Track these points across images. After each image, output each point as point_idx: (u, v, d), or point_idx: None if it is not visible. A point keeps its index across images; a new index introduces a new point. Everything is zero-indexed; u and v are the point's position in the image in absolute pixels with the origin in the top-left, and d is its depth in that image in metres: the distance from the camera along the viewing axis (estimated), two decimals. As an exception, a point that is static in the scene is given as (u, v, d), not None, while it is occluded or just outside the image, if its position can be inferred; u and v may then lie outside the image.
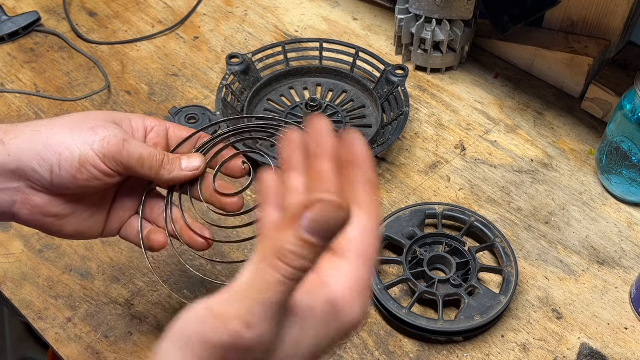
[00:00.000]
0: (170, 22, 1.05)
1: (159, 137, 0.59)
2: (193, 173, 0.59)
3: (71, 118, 0.55)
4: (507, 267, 0.74)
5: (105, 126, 0.54)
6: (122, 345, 0.70)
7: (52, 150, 0.52)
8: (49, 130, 0.53)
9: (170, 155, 0.58)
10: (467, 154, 0.90)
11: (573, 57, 0.93)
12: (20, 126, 0.53)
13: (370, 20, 1.07)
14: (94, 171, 0.54)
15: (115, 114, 0.57)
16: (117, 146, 0.54)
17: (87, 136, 0.53)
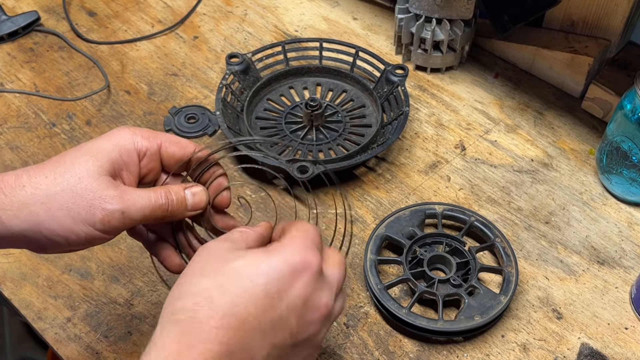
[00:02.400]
0: (170, 22, 1.05)
1: (152, 161, 0.58)
2: (199, 212, 0.59)
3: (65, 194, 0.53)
4: (508, 267, 0.74)
5: (102, 198, 0.53)
6: (122, 345, 0.70)
7: (57, 235, 0.53)
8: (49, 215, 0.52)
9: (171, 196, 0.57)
10: (467, 154, 0.89)
11: (573, 57, 0.93)
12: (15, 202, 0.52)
13: (370, 20, 1.07)
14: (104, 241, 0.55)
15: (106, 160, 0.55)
16: (119, 221, 0.54)
17: (87, 218, 0.53)
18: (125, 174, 0.56)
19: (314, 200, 0.58)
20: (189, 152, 0.59)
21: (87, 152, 0.55)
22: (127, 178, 0.56)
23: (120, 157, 0.56)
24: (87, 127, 0.90)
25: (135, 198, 0.54)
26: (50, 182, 0.53)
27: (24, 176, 0.53)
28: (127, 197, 0.54)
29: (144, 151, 0.57)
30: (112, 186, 0.54)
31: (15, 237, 0.53)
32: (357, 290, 0.75)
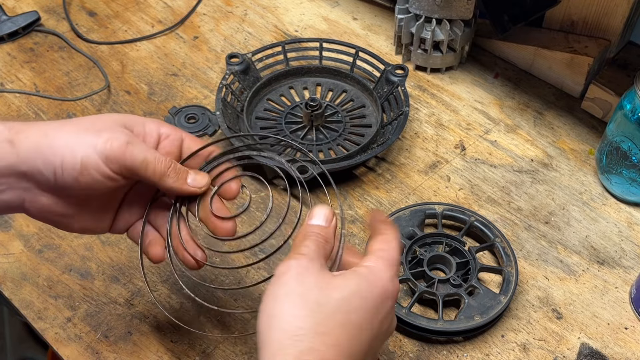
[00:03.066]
0: (170, 22, 1.05)
1: (172, 146, 0.59)
2: (195, 190, 0.59)
3: (81, 120, 0.55)
4: (507, 267, 0.74)
5: (112, 129, 0.54)
6: (122, 345, 0.70)
7: (56, 152, 0.52)
8: (56, 133, 0.53)
9: (178, 165, 0.58)
10: (467, 154, 0.89)
11: (573, 57, 0.93)
12: (33, 127, 0.54)
13: (370, 20, 1.07)
14: (96, 174, 0.53)
15: (129, 118, 0.57)
16: (120, 148, 0.53)
17: (91, 139, 0.53)
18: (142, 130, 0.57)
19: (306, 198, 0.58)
20: (207, 154, 0.61)
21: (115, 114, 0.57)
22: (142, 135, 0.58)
23: (143, 129, 0.57)
24: (87, 127, 0.90)
25: (141, 144, 0.55)
26: (69, 121, 0.55)
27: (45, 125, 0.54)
28: (135, 138, 0.55)
29: (166, 135, 0.59)
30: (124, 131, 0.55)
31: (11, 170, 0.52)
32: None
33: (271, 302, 0.49)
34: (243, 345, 0.70)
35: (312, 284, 0.50)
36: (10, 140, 0.52)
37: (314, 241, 0.53)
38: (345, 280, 0.51)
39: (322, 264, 0.52)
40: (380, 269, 0.52)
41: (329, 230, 0.54)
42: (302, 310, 0.48)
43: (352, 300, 0.50)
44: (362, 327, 0.50)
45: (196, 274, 0.63)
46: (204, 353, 0.70)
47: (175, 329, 0.71)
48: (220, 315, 0.72)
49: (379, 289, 0.51)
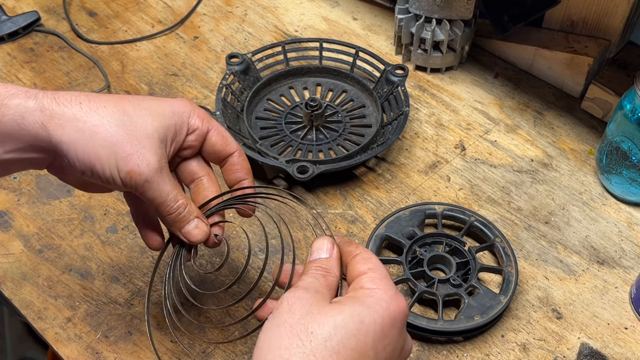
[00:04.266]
0: (170, 22, 1.05)
1: (196, 141, 0.59)
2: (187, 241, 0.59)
3: (117, 122, 0.54)
4: (507, 267, 0.74)
5: (143, 156, 0.54)
6: (122, 345, 0.70)
7: (86, 161, 0.53)
8: (91, 138, 0.53)
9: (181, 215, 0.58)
10: (467, 154, 0.90)
11: (573, 57, 0.93)
12: (67, 114, 0.53)
13: (370, 20, 1.07)
14: (116, 188, 0.56)
15: (162, 124, 0.56)
16: (137, 184, 0.54)
17: (120, 162, 0.53)
18: (171, 142, 0.57)
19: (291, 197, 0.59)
20: (230, 150, 0.61)
21: (148, 108, 0.56)
22: (172, 146, 0.58)
23: (174, 126, 0.57)
24: (87, 127, 0.90)
25: (163, 181, 0.55)
26: (107, 112, 0.54)
27: (82, 97, 0.54)
28: (159, 174, 0.55)
29: (194, 129, 0.59)
30: (157, 154, 0.55)
31: (49, 147, 0.53)
32: (357, 290, 0.75)
33: (264, 335, 0.48)
34: (243, 346, 0.70)
35: (304, 312, 0.48)
36: (43, 124, 0.52)
37: (311, 274, 0.52)
38: (340, 305, 0.48)
39: (320, 294, 0.50)
40: (379, 290, 0.49)
41: (330, 261, 0.53)
42: (291, 340, 0.46)
43: (348, 326, 0.47)
44: (364, 353, 0.47)
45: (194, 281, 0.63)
46: (204, 353, 0.70)
47: (176, 329, 0.71)
48: (220, 316, 0.72)
49: (382, 311, 0.48)
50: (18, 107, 0.52)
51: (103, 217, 0.81)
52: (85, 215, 0.81)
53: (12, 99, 0.52)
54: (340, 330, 0.46)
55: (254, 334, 0.54)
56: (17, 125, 0.52)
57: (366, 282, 0.50)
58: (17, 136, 0.53)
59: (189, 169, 0.61)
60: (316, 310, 0.48)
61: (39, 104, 0.52)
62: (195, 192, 0.61)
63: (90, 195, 0.83)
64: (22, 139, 0.53)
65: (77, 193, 0.83)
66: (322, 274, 0.52)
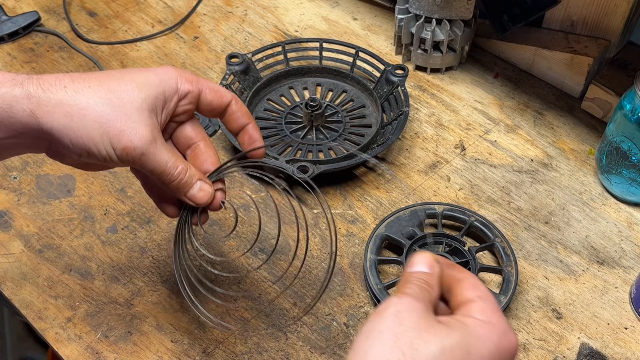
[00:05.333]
0: (170, 22, 1.05)
1: (190, 104, 0.59)
2: (193, 204, 0.60)
3: (104, 101, 0.54)
4: (507, 267, 0.74)
5: (135, 131, 0.54)
6: (122, 345, 0.70)
7: (80, 144, 0.53)
8: (81, 121, 0.53)
9: (183, 179, 0.58)
10: (467, 154, 0.90)
11: (573, 57, 0.93)
12: (54, 100, 0.53)
13: (370, 20, 1.07)
14: (114, 166, 0.56)
15: (150, 94, 0.56)
16: (134, 159, 0.55)
17: (113, 139, 0.54)
18: (162, 110, 0.57)
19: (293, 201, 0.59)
20: (226, 101, 0.61)
21: (133, 81, 0.55)
22: (162, 115, 0.57)
23: (162, 94, 0.57)
24: (88, 127, 0.90)
25: (159, 151, 0.56)
26: (93, 92, 0.54)
27: (66, 79, 0.54)
28: (154, 145, 0.55)
29: (185, 93, 0.58)
30: (148, 126, 0.55)
31: (41, 134, 0.53)
32: (357, 290, 0.75)
33: (363, 338, 0.45)
34: (243, 345, 0.70)
35: (411, 325, 0.45)
36: (32, 112, 0.52)
37: (417, 285, 0.48)
38: (449, 328, 0.45)
39: (427, 307, 0.47)
40: (491, 323, 0.46)
41: (433, 277, 0.49)
42: (394, 352, 0.43)
43: (454, 352, 0.44)
44: None
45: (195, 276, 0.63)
46: (204, 353, 0.70)
47: (176, 329, 0.71)
48: (221, 316, 0.72)
49: (492, 346, 0.45)
50: (5, 96, 0.52)
51: (103, 217, 0.81)
52: (85, 215, 0.81)
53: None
54: (446, 354, 0.44)
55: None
56: (6, 114, 0.52)
57: (476, 312, 0.47)
58: (7, 124, 0.53)
59: (185, 134, 0.61)
60: (424, 326, 0.45)
61: (25, 92, 0.52)
62: (193, 157, 0.61)
63: (90, 195, 0.83)
64: (12, 127, 0.53)
65: (77, 193, 0.83)
66: (426, 288, 0.49)
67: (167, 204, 0.62)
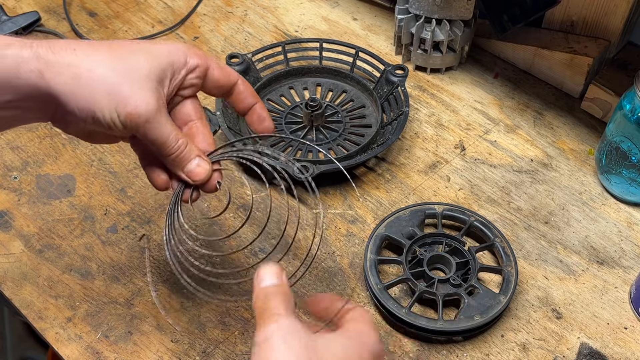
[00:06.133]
0: (170, 22, 1.05)
1: (197, 79, 0.59)
2: (192, 180, 0.59)
3: (112, 66, 0.54)
4: (507, 267, 0.74)
5: (141, 98, 0.54)
6: (122, 345, 0.70)
7: (86, 109, 0.53)
8: (88, 82, 0.53)
9: (182, 153, 0.58)
10: (467, 154, 0.90)
11: (573, 57, 0.93)
12: (63, 61, 0.53)
13: (370, 21, 1.07)
14: (118, 133, 0.56)
15: (157, 64, 0.56)
16: (138, 126, 0.55)
17: (119, 105, 0.54)
18: (169, 82, 0.57)
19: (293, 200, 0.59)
20: (233, 80, 0.61)
21: (142, 50, 0.56)
22: (169, 86, 0.57)
23: (171, 65, 0.57)
24: (88, 127, 0.90)
25: (162, 121, 0.56)
26: (102, 57, 0.54)
27: (77, 44, 0.54)
28: (158, 114, 0.55)
29: (193, 67, 0.59)
30: (155, 95, 0.55)
31: (47, 98, 0.53)
32: (357, 290, 0.75)
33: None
34: (243, 345, 0.70)
35: (302, 346, 0.48)
36: (40, 72, 0.52)
37: (280, 300, 0.51)
38: (334, 339, 0.51)
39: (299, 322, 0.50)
40: (367, 331, 0.53)
41: (285, 286, 0.53)
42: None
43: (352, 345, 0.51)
44: None
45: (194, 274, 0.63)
46: (204, 353, 0.70)
47: (176, 329, 0.71)
48: (220, 315, 0.72)
49: (368, 348, 0.52)
50: (14, 57, 0.52)
51: (103, 217, 0.81)
52: (85, 215, 0.81)
53: (7, 49, 0.52)
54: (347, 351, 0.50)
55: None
56: (14, 75, 0.52)
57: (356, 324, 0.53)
58: (15, 86, 0.53)
59: (184, 111, 0.61)
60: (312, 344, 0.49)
61: (34, 53, 0.52)
62: (190, 135, 0.61)
63: (91, 195, 0.83)
64: (20, 89, 0.53)
65: (77, 193, 0.83)
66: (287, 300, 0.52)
67: (158, 171, 0.61)
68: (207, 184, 0.60)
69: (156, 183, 0.61)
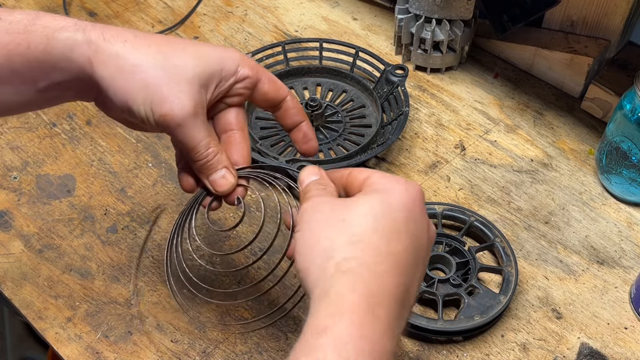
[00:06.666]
0: (170, 22, 1.05)
1: (246, 89, 0.59)
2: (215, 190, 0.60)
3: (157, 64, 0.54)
4: (507, 267, 0.74)
5: (179, 100, 0.54)
6: (122, 345, 0.70)
7: (123, 99, 0.54)
8: (130, 76, 0.54)
9: (209, 162, 0.58)
10: (467, 154, 0.90)
11: (573, 57, 0.93)
12: (110, 51, 0.54)
13: (370, 20, 1.07)
14: (151, 129, 0.57)
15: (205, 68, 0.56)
16: (171, 125, 0.55)
17: (154, 104, 0.54)
18: (215, 88, 0.57)
19: None
20: (282, 95, 0.61)
21: (193, 51, 0.56)
22: (214, 92, 0.57)
23: (219, 72, 0.57)
24: (88, 127, 0.90)
25: (196, 126, 0.56)
26: (149, 53, 0.55)
27: (129, 34, 0.55)
28: (193, 119, 0.55)
29: (243, 77, 0.58)
30: (193, 99, 0.55)
31: (91, 82, 0.54)
32: (357, 290, 0.75)
33: (300, 240, 0.50)
34: (243, 345, 0.70)
35: (329, 209, 0.51)
36: (89, 58, 0.53)
37: (314, 188, 0.54)
38: (363, 196, 0.51)
39: (333, 196, 0.53)
40: (393, 179, 0.52)
41: (323, 178, 0.55)
42: (329, 231, 0.49)
43: (377, 208, 0.50)
44: (398, 229, 0.49)
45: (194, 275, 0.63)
46: (204, 353, 0.70)
47: (176, 329, 0.71)
48: (220, 315, 0.72)
49: (404, 193, 0.51)
50: (67, 41, 0.53)
51: (103, 217, 0.81)
52: (85, 215, 0.81)
53: (61, 32, 0.53)
54: (372, 212, 0.49)
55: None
56: (65, 58, 0.53)
57: (377, 179, 0.53)
58: (65, 68, 0.54)
59: (226, 119, 0.61)
60: (340, 204, 0.51)
61: (86, 37, 0.53)
62: (226, 143, 0.61)
63: (90, 195, 0.83)
64: (69, 70, 0.54)
65: (77, 193, 0.83)
66: (323, 188, 0.54)
67: (188, 175, 0.61)
68: (228, 196, 0.60)
69: (182, 183, 0.62)
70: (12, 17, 0.53)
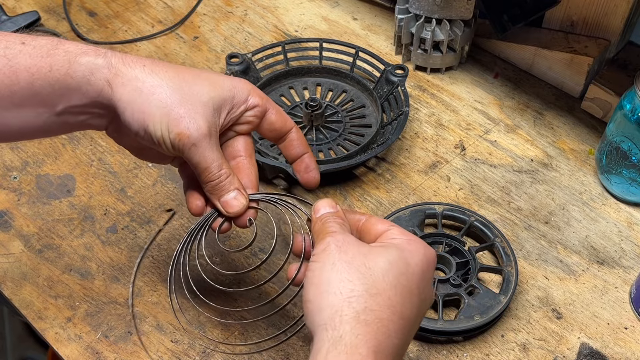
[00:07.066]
0: (170, 22, 1.05)
1: (255, 118, 0.61)
2: (226, 211, 0.60)
3: (174, 86, 0.56)
4: (507, 267, 0.74)
5: (194, 121, 0.56)
6: (122, 345, 0.70)
7: (139, 120, 0.56)
8: (148, 98, 0.55)
9: (221, 183, 0.59)
10: (467, 154, 0.90)
11: (573, 57, 0.93)
12: (129, 74, 0.55)
13: (370, 20, 1.07)
14: (164, 151, 0.58)
15: (219, 94, 0.58)
16: (184, 147, 0.56)
17: (171, 123, 0.56)
18: (227, 114, 0.59)
19: None
20: (287, 127, 0.63)
21: (207, 78, 0.58)
22: (226, 117, 0.59)
23: (231, 99, 0.59)
24: (88, 127, 0.90)
25: (210, 147, 0.57)
26: (167, 77, 0.57)
27: (147, 60, 0.57)
28: (207, 140, 0.57)
29: (252, 106, 0.60)
30: (208, 121, 0.57)
31: (109, 106, 0.56)
32: (357, 290, 0.75)
33: (318, 272, 0.51)
34: (243, 346, 0.70)
35: (355, 252, 0.51)
36: (108, 81, 0.55)
37: (335, 222, 0.55)
38: (386, 248, 0.52)
39: (355, 238, 0.53)
40: (414, 240, 0.53)
41: (340, 213, 0.56)
42: (353, 274, 0.49)
43: (398, 265, 0.51)
44: (412, 291, 0.51)
45: (195, 274, 0.63)
46: (204, 353, 0.70)
47: (176, 329, 0.71)
48: (221, 315, 0.72)
49: (421, 256, 0.53)
50: (88, 64, 0.55)
51: (103, 217, 0.81)
52: (85, 215, 0.81)
53: (83, 57, 0.55)
54: (393, 268, 0.50)
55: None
56: (86, 81, 0.55)
57: (397, 234, 0.54)
58: (84, 91, 0.55)
59: (235, 146, 0.62)
60: (366, 251, 0.51)
61: (107, 62, 0.55)
62: (235, 169, 0.62)
63: (90, 195, 0.83)
64: (88, 94, 0.55)
65: (77, 193, 0.83)
66: (341, 222, 0.55)
67: (196, 196, 0.62)
68: (239, 218, 0.61)
69: (191, 206, 0.62)
70: (36, 42, 0.55)
